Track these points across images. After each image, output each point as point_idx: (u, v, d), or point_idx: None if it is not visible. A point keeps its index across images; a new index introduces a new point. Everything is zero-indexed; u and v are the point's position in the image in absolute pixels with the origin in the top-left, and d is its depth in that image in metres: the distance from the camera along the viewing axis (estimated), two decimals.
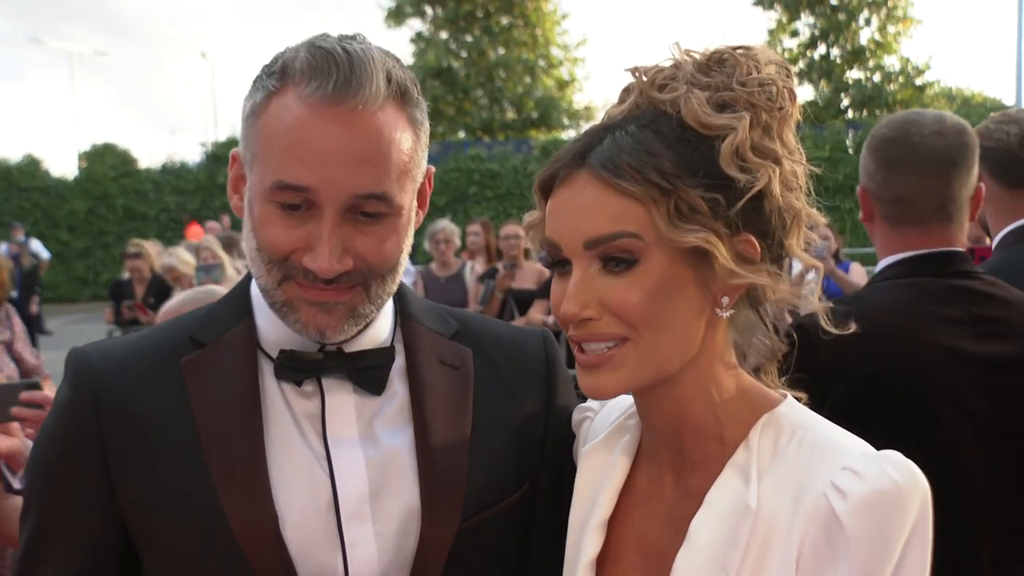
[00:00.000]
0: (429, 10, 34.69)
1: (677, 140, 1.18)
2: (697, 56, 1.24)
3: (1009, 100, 26.92)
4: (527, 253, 8.10)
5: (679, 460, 1.29)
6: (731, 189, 1.17)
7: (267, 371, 1.38)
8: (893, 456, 1.13)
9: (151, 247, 10.11)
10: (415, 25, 35.22)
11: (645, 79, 1.25)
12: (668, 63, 1.25)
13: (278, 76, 1.27)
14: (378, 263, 1.30)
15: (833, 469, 1.13)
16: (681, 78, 1.22)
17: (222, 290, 3.66)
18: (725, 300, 1.20)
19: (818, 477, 1.14)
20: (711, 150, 1.17)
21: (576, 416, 1.52)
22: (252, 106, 1.29)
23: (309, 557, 1.31)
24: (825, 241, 6.77)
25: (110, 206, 26.45)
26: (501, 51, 34.66)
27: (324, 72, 1.23)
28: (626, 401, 1.43)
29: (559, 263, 1.23)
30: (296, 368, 1.35)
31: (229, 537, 1.28)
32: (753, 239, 1.19)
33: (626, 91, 1.28)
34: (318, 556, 1.32)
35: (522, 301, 7.63)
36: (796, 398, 1.29)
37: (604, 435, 1.40)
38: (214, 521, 1.28)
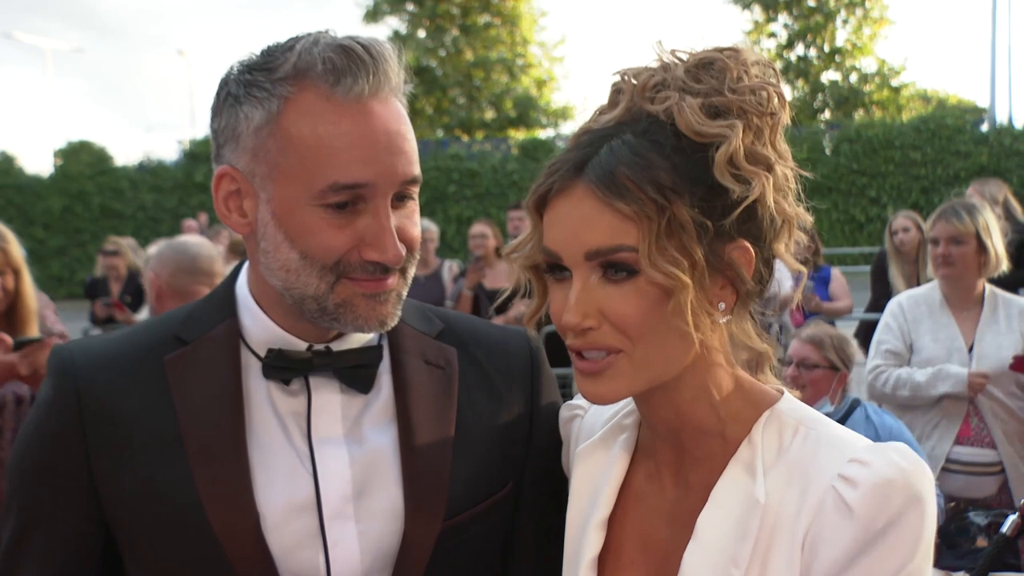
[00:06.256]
0: (407, 7, 34.58)
1: (673, 150, 1.17)
2: (684, 58, 1.22)
3: (983, 102, 27.25)
4: (498, 252, 8.02)
5: (679, 457, 1.29)
6: (726, 199, 1.16)
7: (252, 370, 1.37)
8: (898, 446, 1.16)
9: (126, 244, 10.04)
10: (392, 23, 35.16)
11: (635, 83, 1.23)
12: (655, 64, 1.23)
13: (291, 81, 1.25)
14: (413, 244, 1.35)
15: (839, 461, 1.15)
16: (671, 84, 1.20)
17: (200, 239, 3.65)
18: (721, 306, 1.20)
19: (825, 470, 1.16)
20: (705, 159, 1.16)
21: (565, 413, 1.52)
22: (265, 117, 1.26)
23: (291, 556, 1.31)
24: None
25: (86, 204, 26.18)
26: (479, 50, 34.63)
27: (353, 70, 1.25)
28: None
29: (556, 268, 1.22)
30: (285, 367, 1.35)
31: (209, 535, 1.28)
32: (747, 245, 1.19)
33: (616, 93, 1.26)
34: (300, 555, 1.32)
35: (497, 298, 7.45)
36: None
37: (600, 434, 1.39)
38: (194, 519, 1.29)
